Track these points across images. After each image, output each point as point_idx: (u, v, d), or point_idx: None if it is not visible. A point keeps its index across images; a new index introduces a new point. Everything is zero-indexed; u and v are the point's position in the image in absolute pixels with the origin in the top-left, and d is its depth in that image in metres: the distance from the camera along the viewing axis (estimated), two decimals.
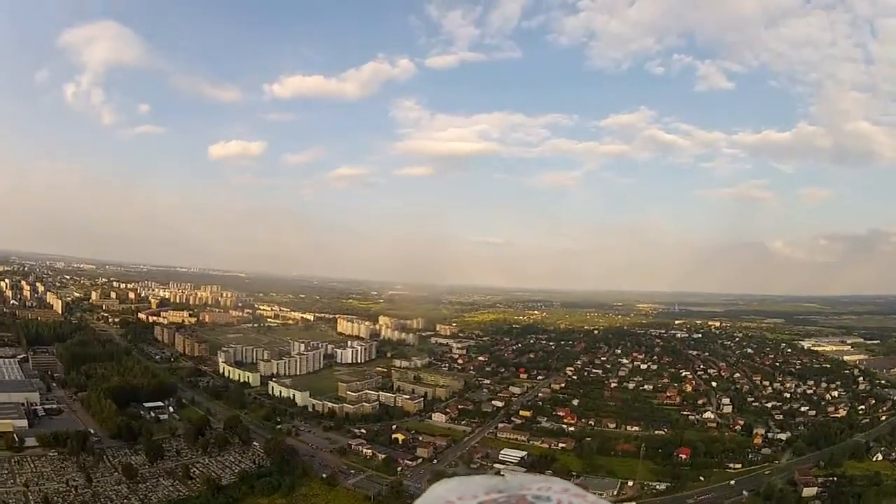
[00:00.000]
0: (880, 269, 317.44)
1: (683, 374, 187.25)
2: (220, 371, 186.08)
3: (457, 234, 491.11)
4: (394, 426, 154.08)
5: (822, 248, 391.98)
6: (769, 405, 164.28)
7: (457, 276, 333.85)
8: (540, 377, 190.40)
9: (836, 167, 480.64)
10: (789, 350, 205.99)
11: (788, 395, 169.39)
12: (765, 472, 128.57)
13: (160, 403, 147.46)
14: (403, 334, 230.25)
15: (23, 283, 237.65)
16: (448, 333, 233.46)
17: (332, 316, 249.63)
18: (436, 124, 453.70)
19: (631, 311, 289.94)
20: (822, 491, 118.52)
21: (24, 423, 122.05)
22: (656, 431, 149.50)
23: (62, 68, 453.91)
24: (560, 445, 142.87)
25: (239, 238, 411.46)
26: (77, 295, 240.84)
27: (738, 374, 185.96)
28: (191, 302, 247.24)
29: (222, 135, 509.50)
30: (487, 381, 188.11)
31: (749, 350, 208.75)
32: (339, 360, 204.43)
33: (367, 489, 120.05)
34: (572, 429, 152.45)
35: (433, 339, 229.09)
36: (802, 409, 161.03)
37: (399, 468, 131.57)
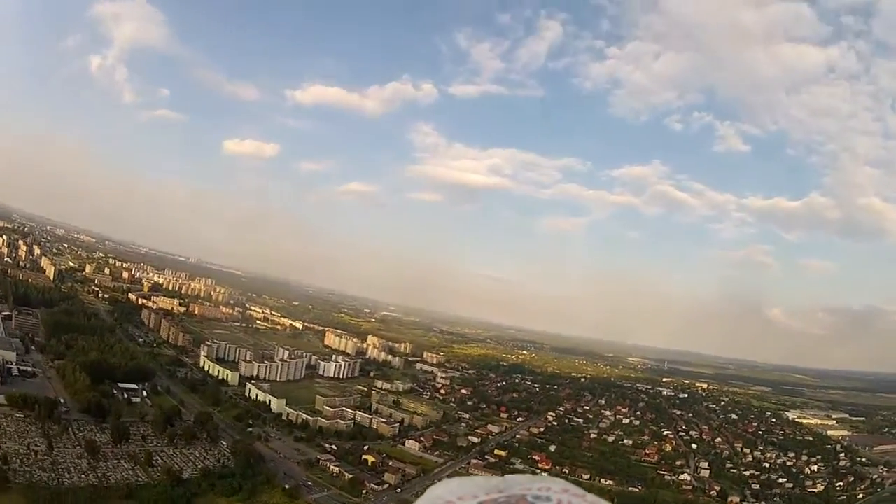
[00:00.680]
0: (874, 346, 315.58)
1: (665, 432, 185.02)
2: (201, 364, 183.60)
3: (457, 264, 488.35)
4: (366, 447, 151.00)
5: (818, 320, 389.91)
6: (747, 473, 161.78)
7: (451, 305, 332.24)
8: (520, 418, 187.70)
9: (842, 240, 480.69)
10: (773, 420, 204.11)
11: (768, 466, 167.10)
12: None
13: (135, 386, 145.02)
14: (390, 356, 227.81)
15: (20, 242, 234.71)
16: (434, 362, 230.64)
17: (321, 328, 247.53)
18: (451, 152, 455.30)
19: (620, 364, 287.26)
20: None
21: None
22: (630, 488, 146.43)
23: (89, 39, 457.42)
24: None
25: (241, 236, 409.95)
26: (72, 265, 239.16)
27: (719, 439, 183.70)
28: (183, 291, 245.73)
29: (238, 132, 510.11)
30: (467, 416, 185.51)
31: (733, 416, 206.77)
32: (321, 373, 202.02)
33: None
34: (545, 475, 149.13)
35: (419, 366, 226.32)
36: (780, 480, 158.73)
37: (364, 491, 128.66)
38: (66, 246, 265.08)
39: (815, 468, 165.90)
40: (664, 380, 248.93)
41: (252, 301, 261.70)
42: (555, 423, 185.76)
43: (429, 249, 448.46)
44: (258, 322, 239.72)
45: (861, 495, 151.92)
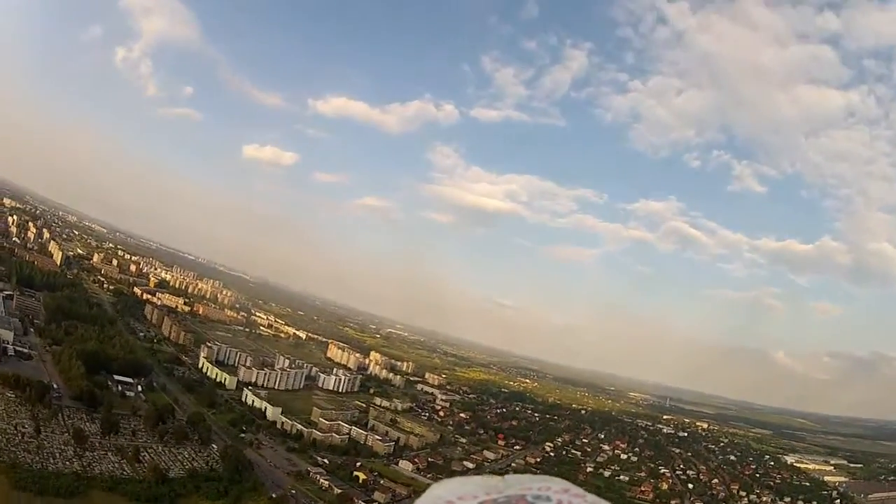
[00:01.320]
0: (877, 392, 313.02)
1: (662, 470, 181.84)
2: (199, 365, 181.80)
3: (465, 286, 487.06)
4: (358, 463, 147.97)
5: (822, 364, 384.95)
6: None
7: (456, 327, 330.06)
8: (518, 447, 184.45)
9: (850, 285, 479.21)
10: (772, 463, 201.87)
11: None
12: None
13: (130, 380, 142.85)
14: (391, 374, 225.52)
15: (30, 224, 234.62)
16: (436, 383, 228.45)
17: (325, 339, 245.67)
18: (468, 175, 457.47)
19: (622, 398, 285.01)
20: None
21: None
22: None
23: (117, 30, 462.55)
24: None
25: (252, 240, 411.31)
26: (80, 252, 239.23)
27: (716, 480, 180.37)
28: (189, 290, 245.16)
29: (258, 137, 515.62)
30: (464, 440, 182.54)
31: (732, 457, 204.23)
32: (320, 385, 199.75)
33: None
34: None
35: (419, 386, 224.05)
36: None
37: None
38: (76, 233, 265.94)
39: None
40: (665, 417, 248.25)
41: (258, 307, 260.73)
42: (552, 455, 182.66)
43: (438, 270, 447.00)
44: (262, 328, 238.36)
45: None
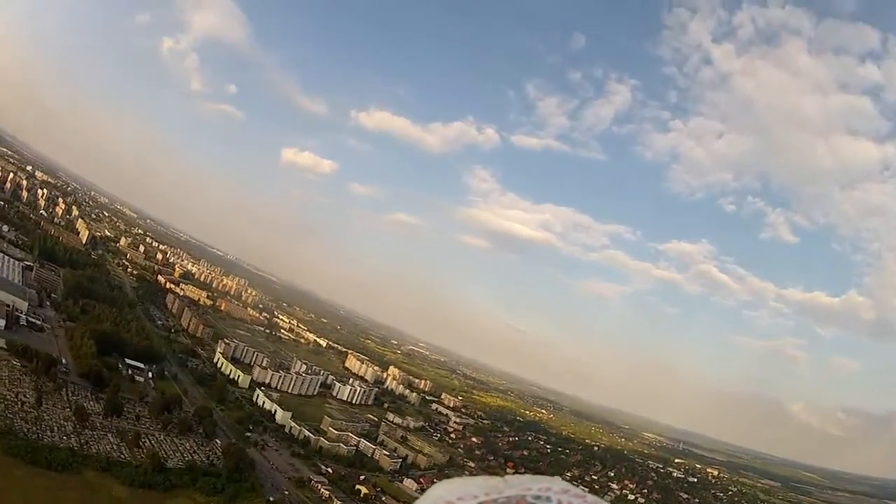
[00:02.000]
0: (888, 451, 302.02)
1: None
2: (215, 360, 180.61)
3: (490, 311, 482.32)
4: (362, 477, 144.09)
5: (837, 419, 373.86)
6: None
7: (478, 351, 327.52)
8: None
9: (872, 342, 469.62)
10: None
11: None
12: None
13: (141, 365, 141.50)
14: (407, 391, 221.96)
15: (60, 199, 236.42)
16: (451, 405, 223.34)
17: (344, 349, 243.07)
18: (504, 201, 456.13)
19: (635, 437, 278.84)
20: None
21: (0, 322, 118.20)
22: None
23: (166, 20, 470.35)
24: None
25: (282, 243, 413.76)
26: (108, 234, 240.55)
27: None
28: (214, 285, 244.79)
29: (297, 142, 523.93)
30: (472, 465, 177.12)
31: None
32: (334, 394, 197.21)
33: None
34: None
35: (434, 406, 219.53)
36: None
37: None
38: (105, 214, 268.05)
39: None
40: (676, 460, 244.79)
41: (281, 309, 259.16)
42: None
43: (464, 292, 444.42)
44: (283, 331, 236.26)
45: None
